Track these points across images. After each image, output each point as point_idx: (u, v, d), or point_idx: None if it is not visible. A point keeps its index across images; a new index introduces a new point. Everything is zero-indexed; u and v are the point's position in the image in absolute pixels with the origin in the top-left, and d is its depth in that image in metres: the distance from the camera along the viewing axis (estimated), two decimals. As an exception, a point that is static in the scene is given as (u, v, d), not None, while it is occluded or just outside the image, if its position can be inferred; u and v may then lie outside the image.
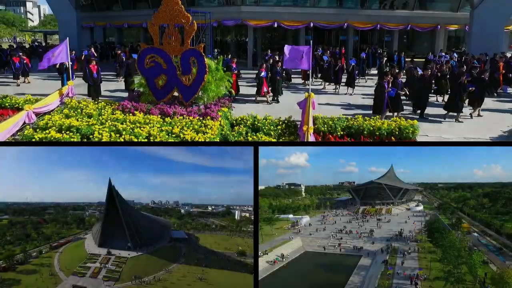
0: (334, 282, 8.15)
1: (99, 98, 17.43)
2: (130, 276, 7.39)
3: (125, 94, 19.18)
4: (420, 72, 16.46)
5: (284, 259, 9.23)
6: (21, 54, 24.91)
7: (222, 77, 15.55)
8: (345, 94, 20.62)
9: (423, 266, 7.94)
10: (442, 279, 6.69)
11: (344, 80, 22.47)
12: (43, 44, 45.60)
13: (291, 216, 13.19)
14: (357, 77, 22.94)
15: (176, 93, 14.50)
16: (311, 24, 31.29)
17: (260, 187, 5.77)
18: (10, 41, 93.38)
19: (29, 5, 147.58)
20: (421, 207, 14.28)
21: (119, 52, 26.88)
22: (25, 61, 24.00)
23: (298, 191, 17.02)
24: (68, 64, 18.03)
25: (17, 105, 15.13)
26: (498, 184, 13.43)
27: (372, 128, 11.88)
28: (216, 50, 29.01)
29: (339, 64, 21.27)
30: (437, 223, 9.74)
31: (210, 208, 13.44)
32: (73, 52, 26.33)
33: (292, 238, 10.56)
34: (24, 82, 23.87)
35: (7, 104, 15.24)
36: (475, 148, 13.76)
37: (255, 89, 19.65)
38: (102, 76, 19.18)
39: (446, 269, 6.54)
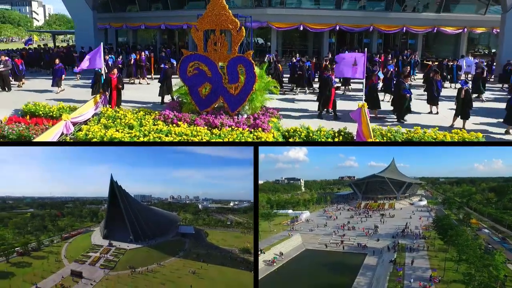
0: (338, 284, 7.27)
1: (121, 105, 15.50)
2: (125, 266, 7.63)
3: (148, 100, 17.70)
4: (465, 85, 14.55)
5: (283, 258, 8.34)
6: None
7: (267, 85, 14.00)
8: (382, 100, 18.16)
9: (435, 266, 7.05)
10: (460, 282, 5.80)
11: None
12: (52, 45, 43.23)
13: (290, 211, 12.32)
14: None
15: (219, 103, 13.10)
16: (337, 27, 29.54)
17: (259, 182, 5.49)
18: (12, 40, 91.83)
19: (34, 4, 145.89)
20: (425, 202, 13.40)
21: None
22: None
23: (297, 185, 16.17)
24: (103, 71, 15.85)
25: (51, 113, 13.69)
26: (500, 179, 12.68)
27: (434, 141, 10.79)
28: (272, 54, 25.89)
29: (376, 70, 19.04)
30: (447, 219, 8.85)
31: (232, 204, 12.69)
32: (120, 57, 23.90)
33: (292, 235, 9.67)
34: (18, 85, 22.64)
35: (40, 112, 13.76)
36: (474, 148, 13.16)
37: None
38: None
39: (465, 271, 5.64)
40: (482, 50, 35.07)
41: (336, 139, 10.80)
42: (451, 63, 23.18)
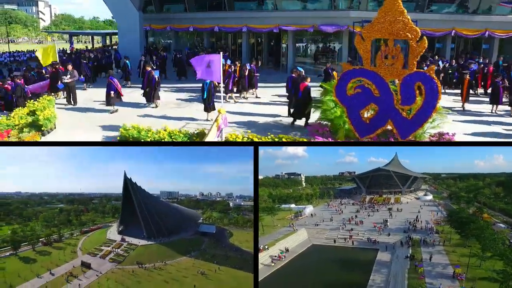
0: (350, 281, 6.60)
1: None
2: (133, 262, 7.77)
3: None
4: None
5: (289, 254, 7.66)
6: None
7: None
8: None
9: (455, 262, 6.40)
10: (491, 280, 5.14)
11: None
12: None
13: (293, 206, 11.66)
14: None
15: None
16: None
17: (259, 177, 5.36)
18: (22, 41, 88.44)
19: (41, 4, 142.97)
20: (430, 197, 12.80)
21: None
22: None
23: (298, 181, 15.51)
24: (221, 85, 12.87)
25: (161, 139, 11.21)
26: (503, 174, 12.13)
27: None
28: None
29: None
30: (463, 213, 8.21)
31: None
32: (229, 65, 18.18)
33: (297, 230, 9.00)
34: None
35: (148, 139, 11.10)
36: (474, 148, 12.57)
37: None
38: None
39: (499, 269, 4.99)
40: None
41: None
42: None
